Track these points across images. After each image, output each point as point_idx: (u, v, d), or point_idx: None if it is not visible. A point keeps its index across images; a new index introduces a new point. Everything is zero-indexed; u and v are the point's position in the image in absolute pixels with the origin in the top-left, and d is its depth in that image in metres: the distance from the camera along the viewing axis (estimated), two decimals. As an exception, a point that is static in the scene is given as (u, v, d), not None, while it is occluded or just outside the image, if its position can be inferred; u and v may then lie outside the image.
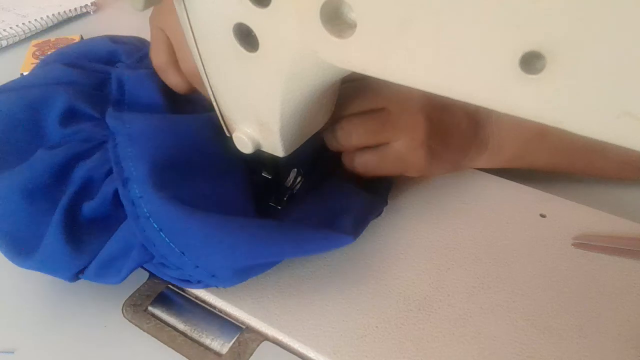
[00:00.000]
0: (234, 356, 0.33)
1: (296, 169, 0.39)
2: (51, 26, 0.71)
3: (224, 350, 0.33)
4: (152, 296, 0.36)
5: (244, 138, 0.32)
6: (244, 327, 0.34)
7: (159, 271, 0.35)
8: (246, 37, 0.26)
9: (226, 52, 0.27)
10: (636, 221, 0.40)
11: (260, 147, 0.33)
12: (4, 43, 0.66)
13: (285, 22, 0.23)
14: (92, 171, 0.35)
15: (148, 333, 0.34)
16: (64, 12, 0.72)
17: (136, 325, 0.34)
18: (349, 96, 0.38)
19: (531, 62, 0.18)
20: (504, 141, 0.42)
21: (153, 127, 0.36)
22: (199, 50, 0.29)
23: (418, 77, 0.21)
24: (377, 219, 0.39)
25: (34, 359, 0.33)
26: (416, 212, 0.41)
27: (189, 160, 0.36)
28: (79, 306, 0.36)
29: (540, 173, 0.44)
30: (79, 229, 0.34)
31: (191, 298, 0.36)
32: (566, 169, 0.44)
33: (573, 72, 0.17)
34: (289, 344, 0.33)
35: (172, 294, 0.36)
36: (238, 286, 0.35)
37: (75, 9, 0.73)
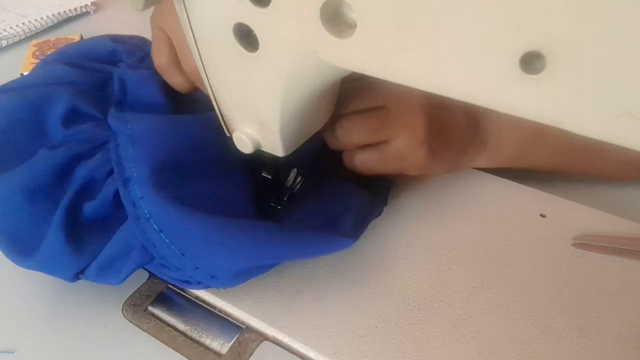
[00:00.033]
0: (234, 356, 0.33)
1: (296, 169, 0.39)
2: (51, 26, 0.71)
3: (224, 350, 0.33)
4: (152, 296, 0.36)
5: (244, 138, 0.32)
6: (244, 327, 0.34)
7: (159, 271, 0.35)
8: (246, 37, 0.26)
9: (226, 52, 0.27)
10: (636, 221, 0.40)
11: (260, 147, 0.33)
12: (4, 43, 0.66)
13: (285, 22, 0.23)
14: (93, 171, 0.35)
15: (148, 333, 0.34)
16: (64, 12, 0.72)
17: (136, 325, 0.34)
18: (348, 95, 0.38)
19: (531, 62, 0.18)
20: (503, 141, 0.42)
21: (154, 128, 0.36)
22: (199, 50, 0.29)
23: (418, 77, 0.21)
24: (377, 219, 0.39)
25: (34, 359, 0.33)
26: (416, 212, 0.41)
27: (190, 161, 0.36)
28: (79, 306, 0.36)
29: (540, 173, 0.44)
30: (80, 229, 0.34)
31: (191, 298, 0.36)
32: (566, 168, 0.44)
33: (573, 72, 0.17)
34: (289, 344, 0.33)
35: (172, 294, 0.36)
36: (238, 286, 0.35)
37: (75, 8, 0.73)
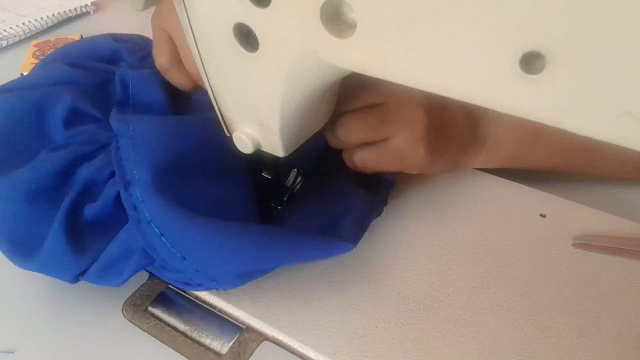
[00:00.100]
0: (234, 356, 0.33)
1: (296, 169, 0.39)
2: (51, 26, 0.71)
3: (224, 350, 0.33)
4: (152, 296, 0.36)
5: (244, 138, 0.32)
6: (244, 327, 0.34)
7: (159, 273, 0.35)
8: (246, 37, 0.26)
9: (226, 52, 0.27)
10: (636, 221, 0.39)
11: (260, 147, 0.32)
12: (4, 43, 0.66)
13: (285, 22, 0.23)
14: (94, 173, 0.35)
15: (148, 333, 0.34)
16: (64, 12, 0.72)
17: (136, 325, 0.34)
18: (348, 92, 0.37)
19: (531, 62, 0.18)
20: (501, 141, 0.42)
21: (156, 130, 0.36)
22: (199, 50, 0.29)
23: (418, 77, 0.21)
24: (377, 219, 0.39)
25: (34, 359, 0.33)
26: (416, 212, 0.41)
27: (190, 162, 0.35)
28: (79, 306, 0.36)
29: (540, 173, 0.44)
30: (81, 231, 0.34)
31: (191, 298, 0.36)
32: (565, 168, 0.44)
33: (573, 72, 0.17)
34: (289, 344, 0.33)
35: (172, 294, 0.36)
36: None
37: (75, 9, 0.73)
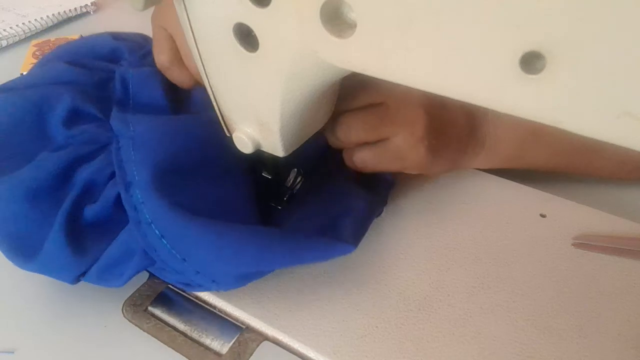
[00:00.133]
0: (234, 356, 0.33)
1: (296, 169, 0.39)
2: (51, 26, 0.71)
3: (224, 350, 0.33)
4: (152, 296, 0.36)
5: (244, 138, 0.32)
6: (244, 327, 0.34)
7: (160, 274, 0.35)
8: (246, 37, 0.26)
9: (226, 52, 0.27)
10: (636, 221, 0.40)
11: (260, 147, 0.32)
12: (4, 43, 0.66)
13: (285, 22, 0.23)
14: (95, 174, 0.35)
15: (148, 333, 0.34)
16: (64, 12, 0.72)
17: (136, 325, 0.34)
18: (348, 92, 0.37)
19: (531, 62, 0.18)
20: (501, 141, 0.42)
21: (157, 130, 0.36)
22: (199, 50, 0.29)
23: (418, 77, 0.21)
24: (377, 219, 0.39)
25: (34, 359, 0.33)
26: (416, 212, 0.41)
27: (191, 162, 0.35)
28: (79, 306, 0.36)
29: (540, 173, 0.44)
30: (81, 232, 0.34)
31: (191, 298, 0.36)
32: (565, 168, 0.44)
33: (573, 72, 0.17)
34: (289, 344, 0.33)
35: (172, 293, 0.36)
36: (238, 287, 0.35)
37: (75, 9, 0.73)
